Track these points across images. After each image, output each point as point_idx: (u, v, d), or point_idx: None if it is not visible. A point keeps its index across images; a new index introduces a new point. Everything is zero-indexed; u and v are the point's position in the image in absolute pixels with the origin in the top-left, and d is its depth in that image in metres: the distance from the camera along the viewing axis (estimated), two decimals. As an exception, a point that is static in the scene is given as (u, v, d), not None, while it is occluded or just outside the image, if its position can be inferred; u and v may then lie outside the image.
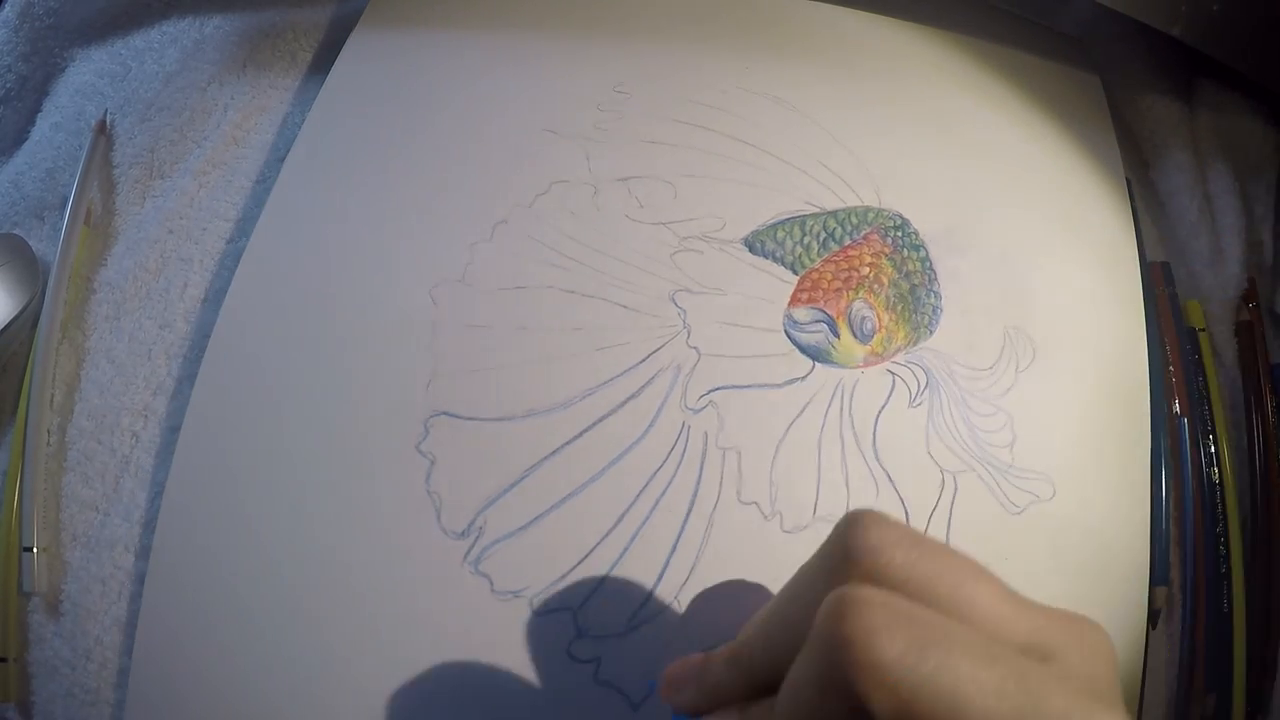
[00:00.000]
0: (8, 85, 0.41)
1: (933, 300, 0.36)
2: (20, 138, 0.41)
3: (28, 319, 0.34)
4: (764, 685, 0.20)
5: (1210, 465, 0.36)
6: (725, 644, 0.23)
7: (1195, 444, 0.36)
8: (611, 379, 0.32)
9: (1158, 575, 0.33)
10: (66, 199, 0.36)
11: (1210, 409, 0.37)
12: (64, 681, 0.29)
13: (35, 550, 0.30)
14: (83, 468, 0.32)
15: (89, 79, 0.41)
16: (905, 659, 0.16)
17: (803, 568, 0.21)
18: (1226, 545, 0.35)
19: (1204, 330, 0.39)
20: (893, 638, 0.16)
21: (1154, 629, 0.33)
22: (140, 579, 0.30)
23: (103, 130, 0.38)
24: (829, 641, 0.17)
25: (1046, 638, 0.19)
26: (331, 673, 0.28)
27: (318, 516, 0.30)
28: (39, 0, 0.41)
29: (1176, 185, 0.43)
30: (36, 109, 0.42)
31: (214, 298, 0.35)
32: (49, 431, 0.32)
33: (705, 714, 0.22)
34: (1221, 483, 0.36)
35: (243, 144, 0.39)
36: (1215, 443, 0.37)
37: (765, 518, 0.31)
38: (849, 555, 0.19)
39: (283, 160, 0.36)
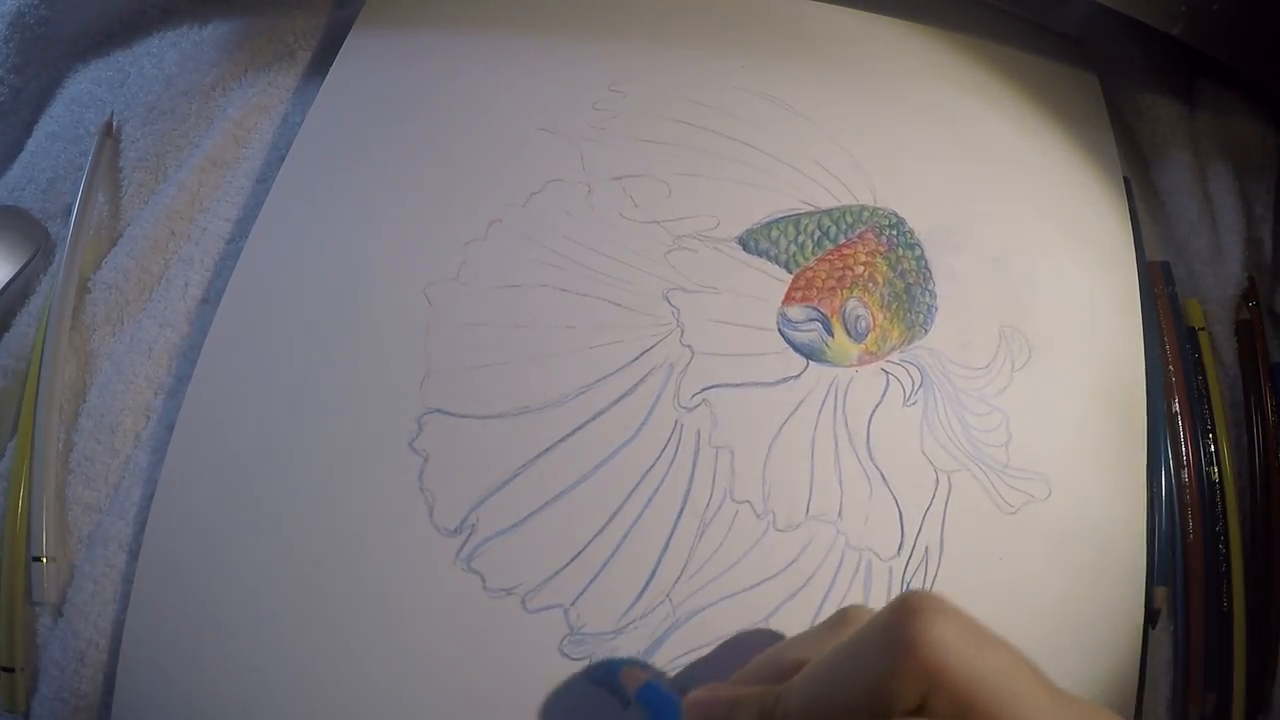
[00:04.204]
0: (0, 99, 0.41)
1: (928, 299, 0.36)
2: (15, 150, 0.40)
3: (31, 275, 0.35)
4: None
5: (1210, 464, 0.36)
6: (745, 681, 0.25)
7: (1195, 443, 0.36)
8: (605, 377, 0.32)
9: (1158, 575, 0.33)
10: (69, 207, 0.36)
11: (1210, 408, 0.37)
12: (52, 684, 0.29)
13: (45, 560, 0.30)
14: (84, 469, 0.32)
15: (86, 87, 0.41)
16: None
17: (849, 643, 0.21)
18: (1226, 545, 0.35)
19: (1204, 329, 0.39)
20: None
21: (1154, 628, 0.33)
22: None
23: (109, 133, 0.38)
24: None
25: None
26: (323, 671, 0.28)
27: (310, 513, 0.30)
28: (30, 9, 0.40)
29: (1176, 184, 0.43)
30: (32, 122, 0.41)
31: (214, 298, 0.35)
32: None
33: None
34: (1221, 482, 0.36)
35: (244, 144, 0.39)
36: (1215, 442, 0.36)
37: (758, 516, 0.31)
38: (910, 648, 0.19)
39: (283, 160, 0.36)
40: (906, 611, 0.20)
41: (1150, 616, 0.32)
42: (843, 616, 0.25)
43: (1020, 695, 0.19)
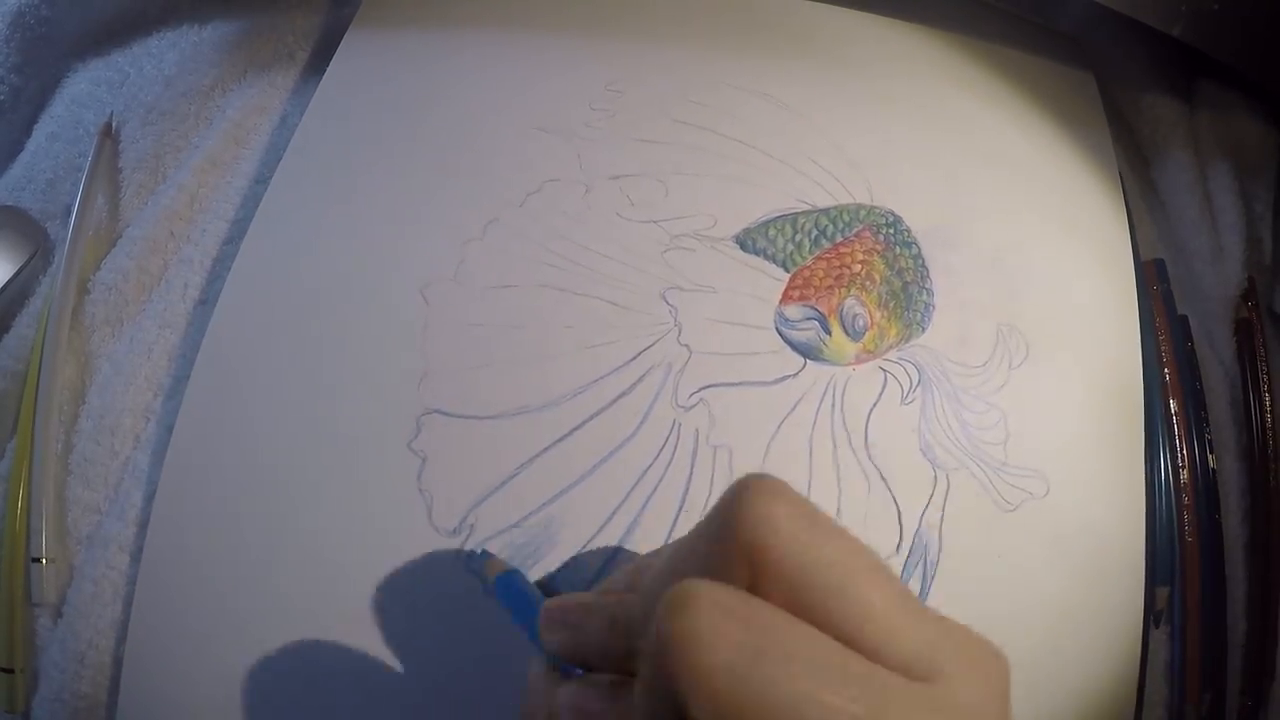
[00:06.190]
0: (0, 98, 0.41)
1: (925, 297, 0.36)
2: (15, 150, 0.40)
3: (31, 276, 0.35)
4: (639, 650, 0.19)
5: (1208, 464, 0.36)
6: (610, 587, 0.23)
7: (1191, 442, 0.36)
8: (602, 376, 0.32)
9: (1160, 575, 0.33)
10: (69, 207, 0.36)
11: (1208, 407, 0.37)
12: (52, 685, 0.29)
13: (44, 561, 0.30)
14: (84, 471, 0.32)
15: (85, 88, 0.41)
16: (734, 668, 0.15)
17: (690, 534, 0.19)
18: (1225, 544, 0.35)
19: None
20: (721, 642, 0.15)
21: (1156, 628, 0.33)
22: (135, 581, 0.29)
23: (108, 134, 0.39)
24: (658, 640, 0.16)
25: (937, 655, 0.17)
26: (323, 671, 0.28)
27: (310, 514, 0.30)
28: (30, 9, 0.40)
29: (1176, 184, 0.42)
30: (32, 122, 0.41)
31: (214, 299, 0.35)
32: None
33: (576, 665, 0.21)
34: (1220, 481, 0.36)
35: (243, 144, 0.39)
36: (1213, 441, 0.36)
37: (757, 515, 0.31)
38: (734, 526, 0.17)
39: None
40: (738, 488, 0.18)
41: (1155, 617, 0.32)
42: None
43: (851, 590, 0.17)
